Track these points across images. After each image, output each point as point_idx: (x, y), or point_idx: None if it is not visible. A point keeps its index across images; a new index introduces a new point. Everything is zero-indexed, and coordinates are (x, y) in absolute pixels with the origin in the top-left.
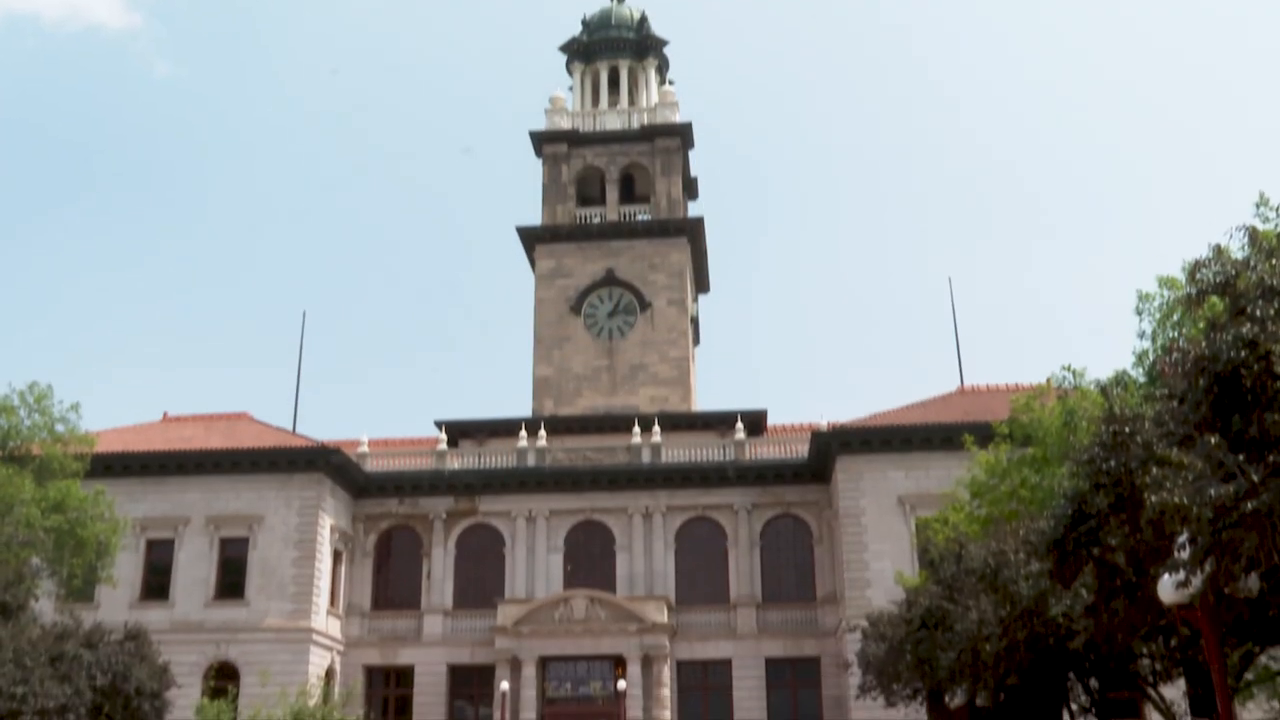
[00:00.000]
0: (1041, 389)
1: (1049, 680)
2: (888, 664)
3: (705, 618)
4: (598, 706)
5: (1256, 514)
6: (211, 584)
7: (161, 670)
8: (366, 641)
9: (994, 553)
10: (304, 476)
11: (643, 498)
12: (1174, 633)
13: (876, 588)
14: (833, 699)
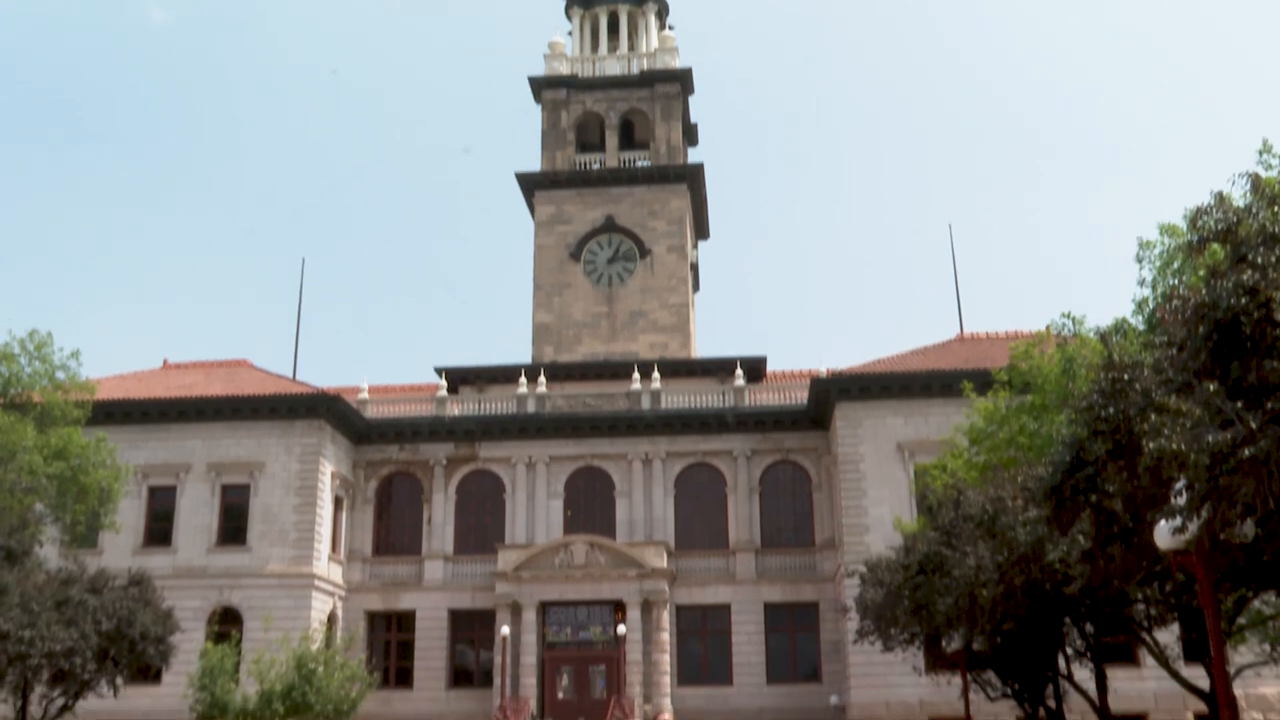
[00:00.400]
0: (1041, 336)
1: (1045, 625)
2: (885, 609)
3: (704, 563)
4: (598, 651)
5: (1254, 460)
6: (214, 530)
7: (165, 615)
8: (368, 587)
9: (992, 499)
10: (304, 423)
11: (642, 444)
12: (1169, 578)
13: (875, 533)
14: (830, 643)
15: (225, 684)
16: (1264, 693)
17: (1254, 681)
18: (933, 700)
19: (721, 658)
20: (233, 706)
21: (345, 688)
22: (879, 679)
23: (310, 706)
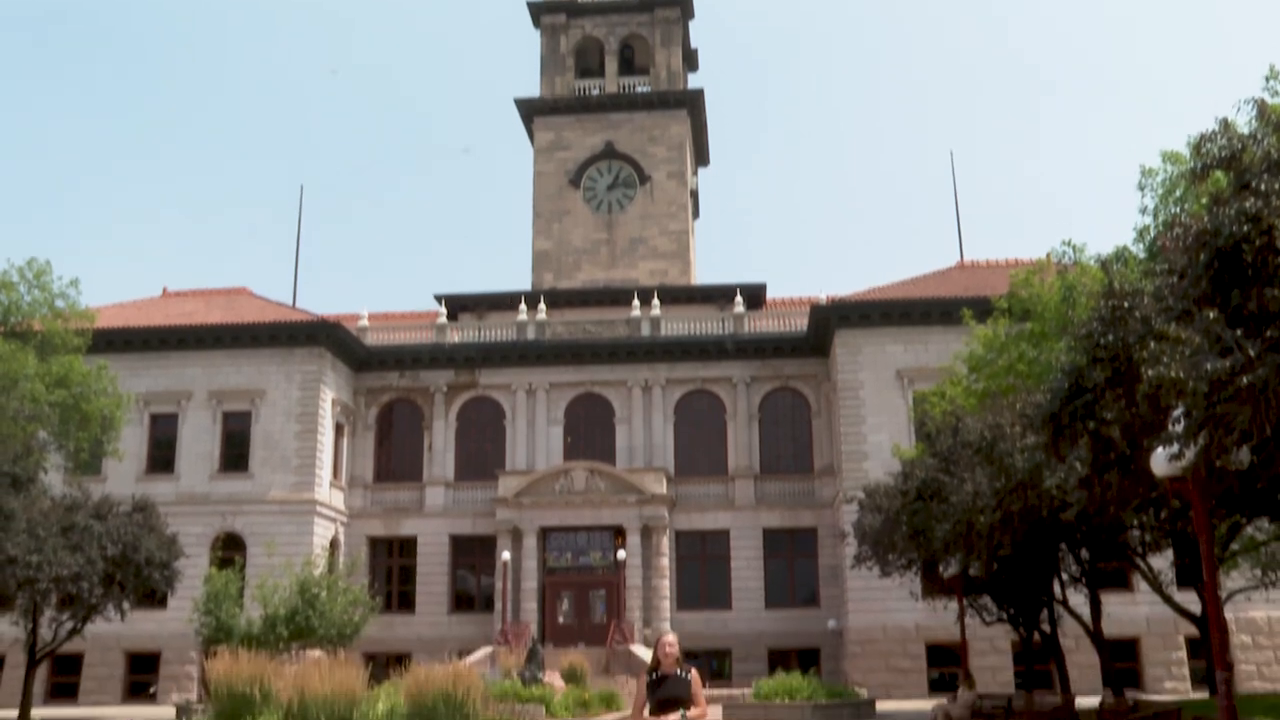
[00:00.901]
0: (1041, 264)
1: (1041, 551)
2: (883, 535)
3: (704, 489)
4: (598, 576)
5: (1251, 388)
6: (216, 457)
7: (170, 541)
8: (369, 513)
9: (990, 426)
10: (304, 351)
11: (642, 371)
12: (1164, 505)
13: (873, 460)
14: (829, 569)
15: (230, 608)
16: (1253, 616)
17: (1244, 606)
18: (929, 624)
19: (720, 582)
20: (238, 630)
21: (348, 612)
22: (876, 604)
23: (314, 630)
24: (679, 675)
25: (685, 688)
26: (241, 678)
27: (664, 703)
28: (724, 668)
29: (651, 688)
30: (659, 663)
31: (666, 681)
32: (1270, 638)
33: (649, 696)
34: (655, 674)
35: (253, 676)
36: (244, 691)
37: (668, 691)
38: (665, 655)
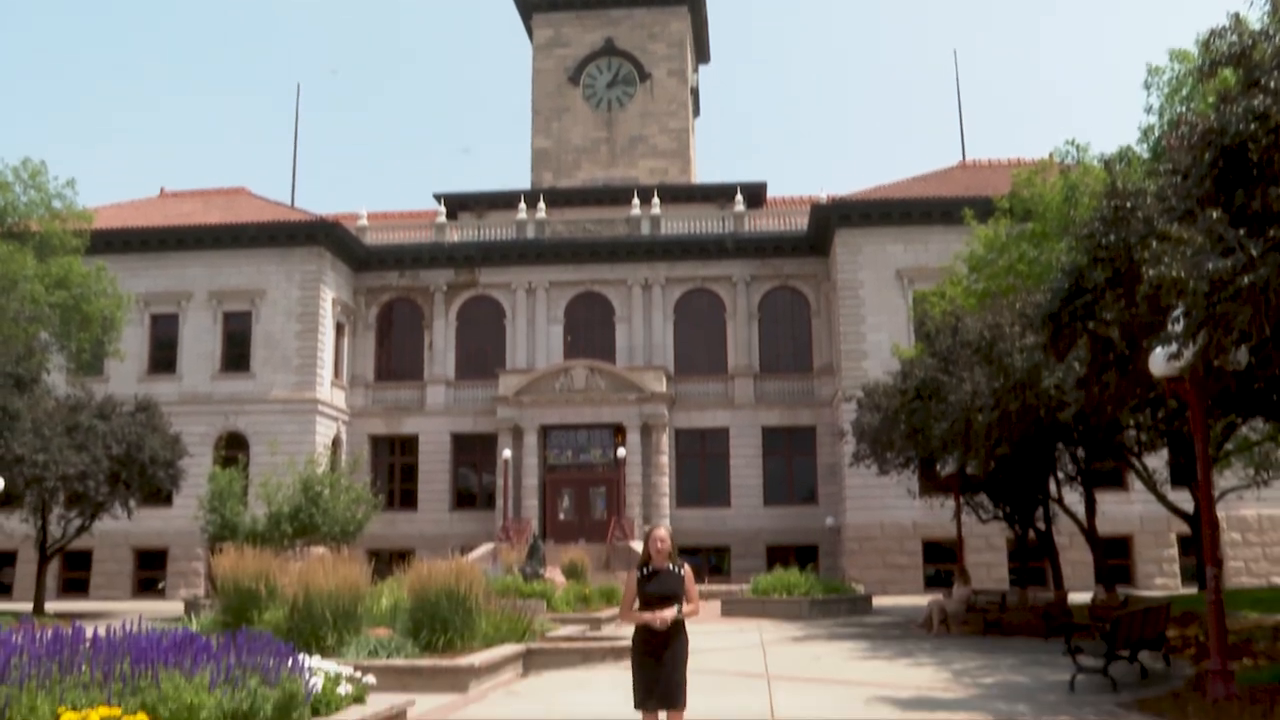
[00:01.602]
0: (1044, 164)
1: (1038, 450)
2: (881, 433)
3: (703, 387)
4: (598, 473)
5: (1252, 288)
6: (217, 357)
7: (173, 440)
8: (371, 411)
9: (990, 326)
10: (304, 250)
11: (642, 269)
12: (1161, 405)
13: (873, 359)
14: (827, 467)
15: (234, 506)
16: (1244, 514)
17: (1236, 504)
18: (926, 522)
19: (720, 480)
20: (242, 528)
21: (351, 509)
22: (874, 501)
23: (317, 527)
24: (671, 570)
25: (678, 583)
26: (247, 574)
27: (656, 598)
28: (723, 564)
29: (642, 583)
30: (650, 557)
31: (658, 577)
32: (1260, 535)
33: (640, 592)
34: (646, 569)
35: (258, 572)
36: (250, 587)
37: (659, 587)
38: (657, 550)
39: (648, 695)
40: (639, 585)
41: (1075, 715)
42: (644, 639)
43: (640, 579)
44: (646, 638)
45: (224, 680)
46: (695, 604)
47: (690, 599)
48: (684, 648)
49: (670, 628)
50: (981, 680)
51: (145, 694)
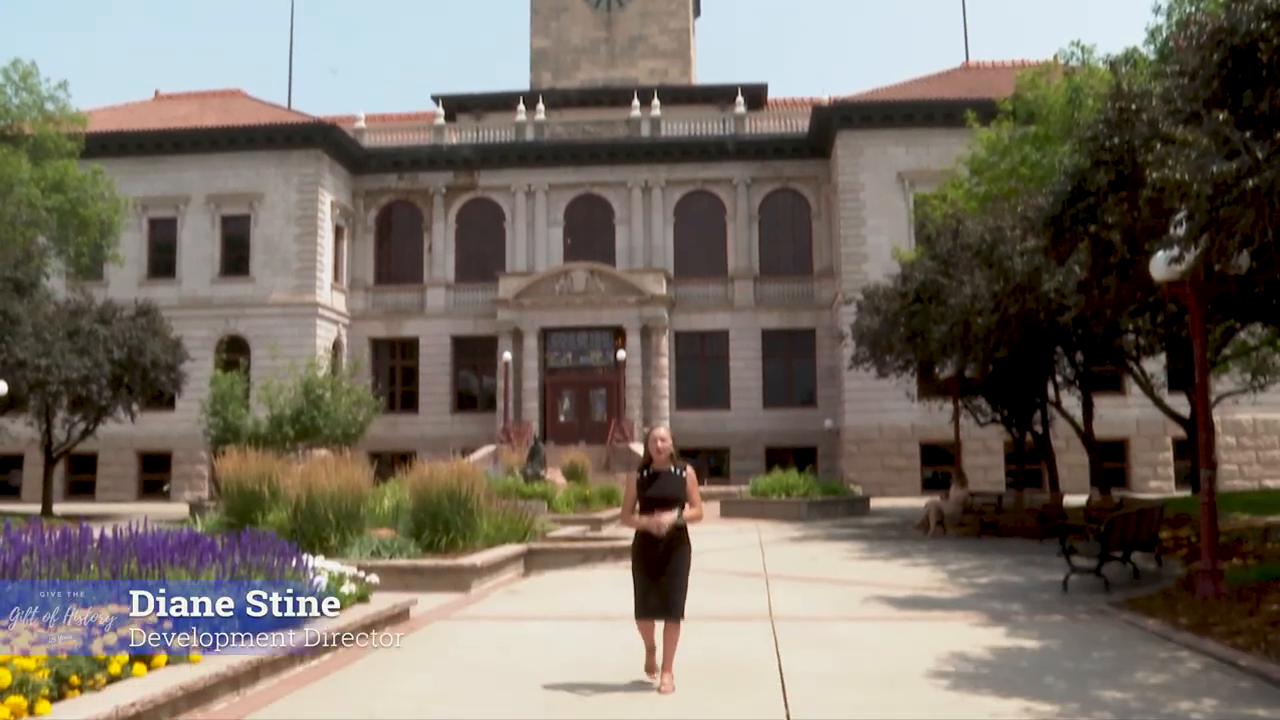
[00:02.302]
0: (1049, 66)
1: (1037, 353)
2: (881, 336)
3: (703, 290)
4: (598, 375)
5: (1256, 191)
6: (216, 261)
7: (174, 344)
8: (371, 315)
9: (991, 229)
10: (301, 153)
11: (642, 171)
12: (1161, 309)
13: (873, 262)
14: (826, 370)
15: (236, 409)
16: (1239, 419)
17: (1231, 409)
18: (924, 425)
19: (719, 382)
20: (245, 431)
21: (352, 412)
22: (873, 404)
23: (319, 430)
24: (672, 472)
25: (679, 485)
26: (250, 476)
27: (656, 501)
28: (722, 466)
29: (643, 485)
30: (650, 459)
31: (659, 479)
32: (1254, 439)
33: (640, 495)
34: (647, 471)
35: (261, 474)
36: (253, 489)
37: (660, 489)
38: (657, 451)
39: (647, 607)
40: (639, 488)
41: (1068, 614)
42: (644, 547)
43: (640, 481)
44: (647, 545)
45: (229, 579)
46: (698, 507)
47: (692, 502)
48: (685, 557)
49: (671, 534)
50: (977, 580)
51: None
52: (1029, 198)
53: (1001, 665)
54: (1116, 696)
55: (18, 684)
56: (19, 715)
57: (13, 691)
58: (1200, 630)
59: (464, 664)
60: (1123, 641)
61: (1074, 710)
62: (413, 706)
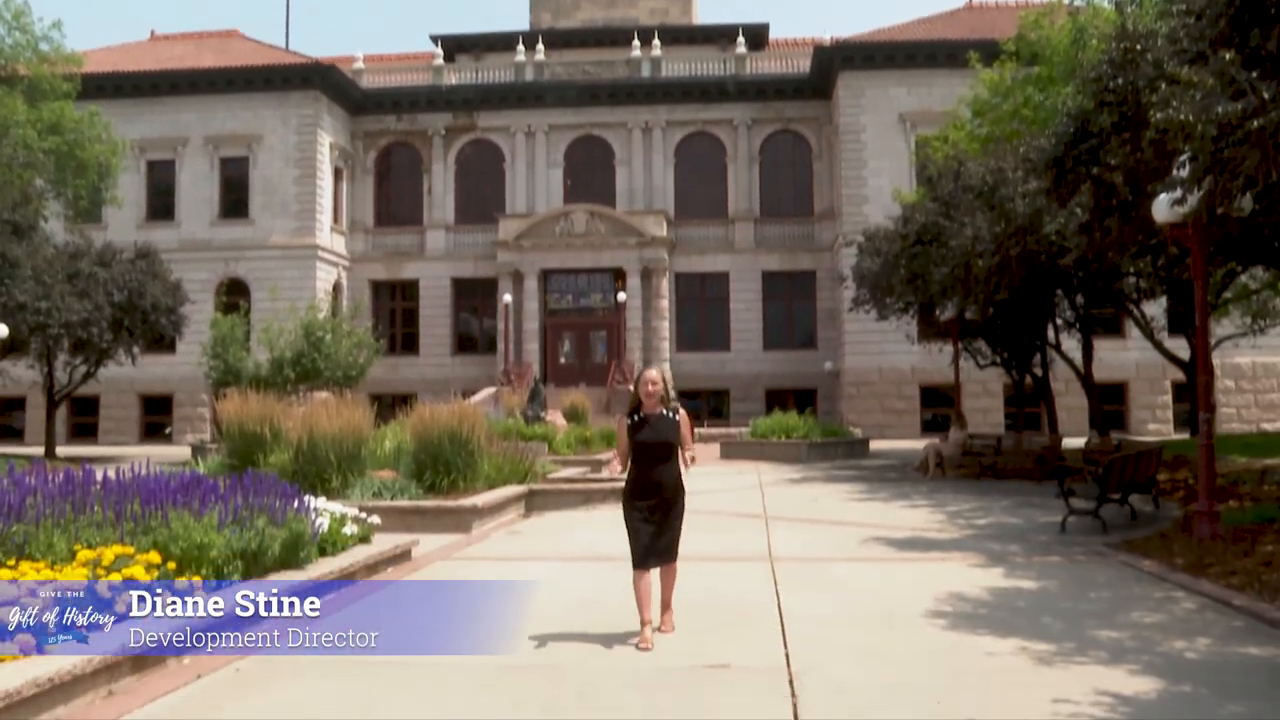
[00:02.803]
0: (1053, 6)
1: (1037, 296)
2: (881, 278)
3: (703, 232)
4: (598, 317)
5: (1261, 131)
6: (215, 203)
7: (174, 287)
8: (371, 257)
9: (992, 171)
10: (300, 94)
11: (642, 112)
12: (1162, 252)
13: (874, 204)
14: (826, 312)
15: (237, 352)
16: (1238, 362)
17: (1231, 352)
18: (924, 367)
19: (719, 325)
20: (245, 373)
21: (353, 354)
22: (872, 346)
23: (320, 372)
24: (664, 416)
25: (673, 430)
26: (251, 418)
27: (649, 446)
28: (722, 408)
29: (634, 431)
30: (640, 403)
31: (650, 423)
32: (1253, 382)
33: (632, 441)
34: (637, 416)
35: (262, 417)
36: (255, 431)
37: (653, 434)
38: (647, 394)
39: (647, 555)
40: (630, 434)
41: (1065, 555)
42: (640, 494)
43: (631, 427)
44: (643, 492)
45: (232, 520)
46: (692, 450)
47: (686, 446)
48: (682, 501)
49: (667, 480)
50: (975, 522)
51: (156, 533)
52: (1031, 139)
53: (999, 605)
54: (1112, 636)
55: None
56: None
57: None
58: (1196, 571)
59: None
60: (1119, 582)
61: (1070, 649)
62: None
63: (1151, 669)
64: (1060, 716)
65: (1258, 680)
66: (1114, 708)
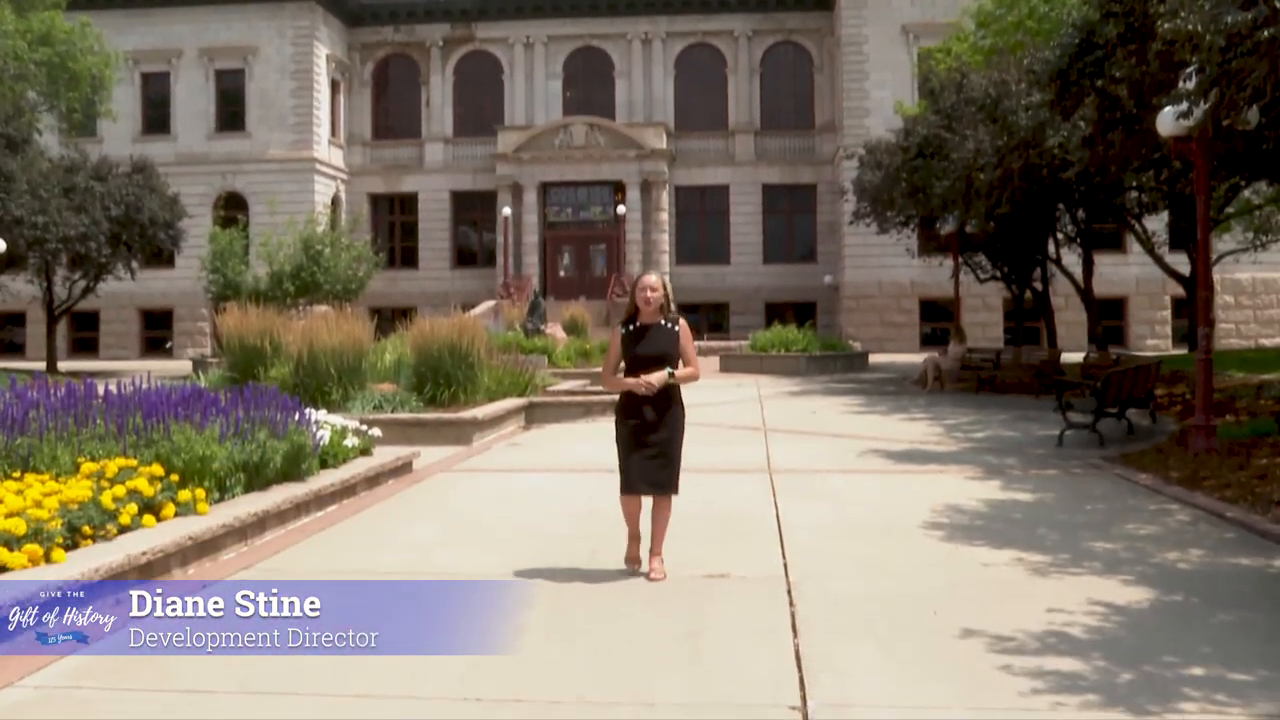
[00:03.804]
0: None
1: (1038, 210)
2: (882, 191)
3: (704, 144)
4: (598, 230)
5: (1271, 42)
6: (211, 116)
7: (172, 201)
8: (369, 170)
9: (996, 83)
10: (295, 5)
11: (642, 23)
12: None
13: (875, 117)
14: (827, 225)
15: (236, 266)
16: (1239, 278)
17: (1231, 267)
18: (923, 281)
19: (719, 238)
20: (245, 287)
21: (352, 268)
22: (873, 260)
23: (319, 286)
24: (663, 326)
25: (671, 341)
26: (252, 332)
27: (645, 360)
28: (722, 321)
29: (628, 342)
30: (637, 310)
31: (648, 334)
32: (1252, 298)
33: (625, 353)
34: (633, 325)
35: (262, 330)
36: (255, 345)
37: (650, 347)
38: (645, 302)
39: (634, 480)
40: (624, 345)
41: (1062, 468)
42: (630, 412)
43: (625, 337)
44: (633, 410)
45: (233, 433)
46: (694, 366)
47: (687, 360)
48: (679, 422)
49: (662, 398)
50: (973, 435)
51: (159, 446)
52: (1035, 51)
53: (995, 517)
54: (1106, 547)
55: (33, 533)
56: (36, 562)
57: (29, 540)
58: (1190, 484)
59: (466, 515)
60: (1114, 495)
61: (1065, 561)
62: (416, 556)
63: (1144, 579)
64: (1054, 625)
65: (1248, 589)
66: (1107, 617)
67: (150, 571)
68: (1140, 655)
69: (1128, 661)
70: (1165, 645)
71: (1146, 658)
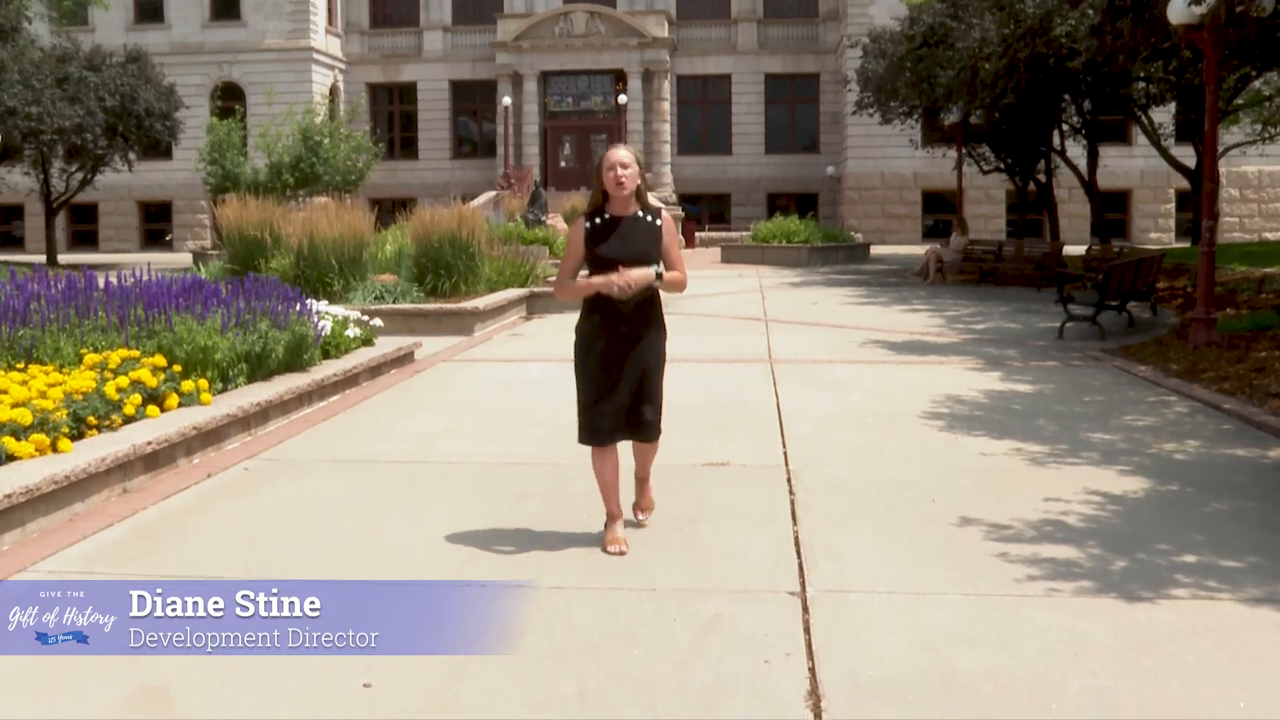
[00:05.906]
0: None
1: (1044, 101)
2: (886, 81)
3: (706, 33)
4: (599, 120)
5: None
6: (206, 4)
7: (168, 91)
8: (367, 59)
9: None
10: None
11: None
12: (1175, 55)
13: (879, 5)
14: (830, 115)
15: (234, 157)
16: (1245, 170)
17: (1238, 160)
18: (926, 173)
19: (721, 128)
20: (244, 179)
21: (351, 159)
22: (875, 151)
23: (319, 177)
24: (641, 219)
25: (651, 239)
26: (251, 223)
27: (613, 263)
28: (724, 212)
29: (593, 238)
30: (605, 199)
31: (619, 228)
32: (1258, 191)
33: (589, 253)
34: (600, 218)
35: (262, 222)
36: (255, 236)
37: (621, 246)
38: (616, 184)
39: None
40: (588, 242)
41: (1062, 360)
42: (597, 327)
43: (590, 232)
44: (602, 324)
45: (235, 324)
46: (680, 270)
47: (672, 262)
48: (659, 345)
49: (643, 310)
50: (974, 326)
51: (161, 337)
52: None
53: (995, 408)
54: (1104, 438)
55: (39, 423)
56: (43, 451)
57: (35, 430)
58: (1189, 376)
59: (468, 404)
60: (1113, 386)
61: (1063, 451)
62: (418, 446)
63: (1141, 469)
64: (1051, 514)
65: (1241, 479)
66: (1103, 505)
67: (156, 462)
68: (1134, 543)
69: (1122, 549)
70: (1159, 533)
71: (1140, 545)
